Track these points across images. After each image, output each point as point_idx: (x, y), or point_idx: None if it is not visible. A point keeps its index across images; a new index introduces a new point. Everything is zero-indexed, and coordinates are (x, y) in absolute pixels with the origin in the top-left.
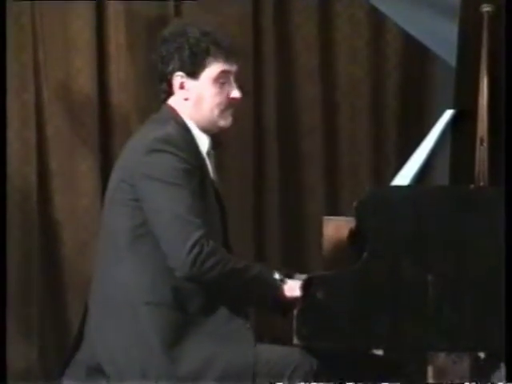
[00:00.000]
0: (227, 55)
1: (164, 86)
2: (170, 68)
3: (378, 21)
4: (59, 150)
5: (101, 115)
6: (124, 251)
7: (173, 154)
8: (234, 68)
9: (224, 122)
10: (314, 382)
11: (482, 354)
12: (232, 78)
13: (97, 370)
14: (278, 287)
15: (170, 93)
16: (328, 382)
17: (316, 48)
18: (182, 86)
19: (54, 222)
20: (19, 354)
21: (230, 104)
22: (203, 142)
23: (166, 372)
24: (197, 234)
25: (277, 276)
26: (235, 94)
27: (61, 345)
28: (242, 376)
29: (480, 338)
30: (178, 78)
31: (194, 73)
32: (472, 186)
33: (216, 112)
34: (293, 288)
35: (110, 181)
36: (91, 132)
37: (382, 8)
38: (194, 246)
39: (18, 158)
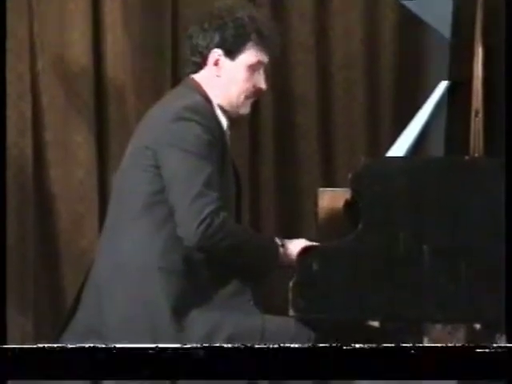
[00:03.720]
0: (266, 46)
1: (196, 58)
2: (209, 42)
3: None
4: (54, 122)
5: (96, 86)
6: (138, 216)
7: (199, 124)
8: (266, 60)
9: (244, 110)
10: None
11: (477, 325)
12: (262, 69)
13: (94, 332)
14: (278, 250)
15: (200, 67)
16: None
17: (311, 20)
18: (216, 63)
19: (49, 194)
20: (15, 326)
21: (254, 93)
22: (223, 120)
23: (174, 338)
24: (210, 208)
25: (278, 240)
26: (262, 84)
27: (56, 317)
28: (250, 339)
29: (476, 309)
30: (215, 54)
31: (231, 53)
32: (467, 157)
33: (242, 97)
34: (292, 251)
35: (129, 147)
36: (86, 103)
37: None
38: (205, 219)
39: (14, 131)
